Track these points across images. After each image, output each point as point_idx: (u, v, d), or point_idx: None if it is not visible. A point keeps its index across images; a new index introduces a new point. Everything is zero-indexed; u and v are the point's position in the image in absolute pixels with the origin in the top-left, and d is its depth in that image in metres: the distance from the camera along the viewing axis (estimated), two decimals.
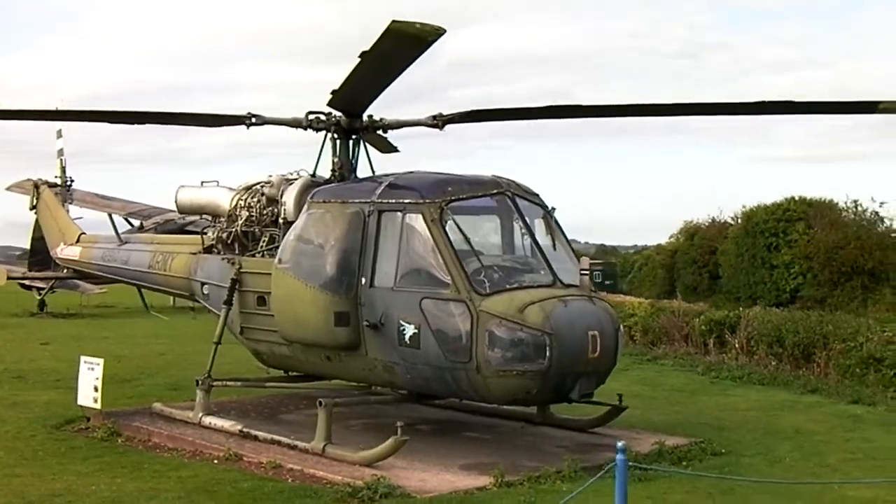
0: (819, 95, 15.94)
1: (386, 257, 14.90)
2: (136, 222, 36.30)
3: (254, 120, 16.80)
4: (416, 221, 14.65)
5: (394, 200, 15.01)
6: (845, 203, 48.71)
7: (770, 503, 12.76)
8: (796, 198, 49.85)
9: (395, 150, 19.13)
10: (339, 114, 16.58)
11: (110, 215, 23.02)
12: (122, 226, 35.85)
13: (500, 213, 15.40)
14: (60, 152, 34.14)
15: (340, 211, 15.39)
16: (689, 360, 27.16)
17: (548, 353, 13.64)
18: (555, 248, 15.24)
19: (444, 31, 11.63)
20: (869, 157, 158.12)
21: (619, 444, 9.73)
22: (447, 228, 14.41)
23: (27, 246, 40.96)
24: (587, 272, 15.08)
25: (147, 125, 17.65)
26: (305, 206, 15.99)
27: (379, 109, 16.65)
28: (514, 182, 15.55)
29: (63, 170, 32.96)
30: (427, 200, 14.63)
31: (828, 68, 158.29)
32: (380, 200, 15.11)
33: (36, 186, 24.59)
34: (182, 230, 33.13)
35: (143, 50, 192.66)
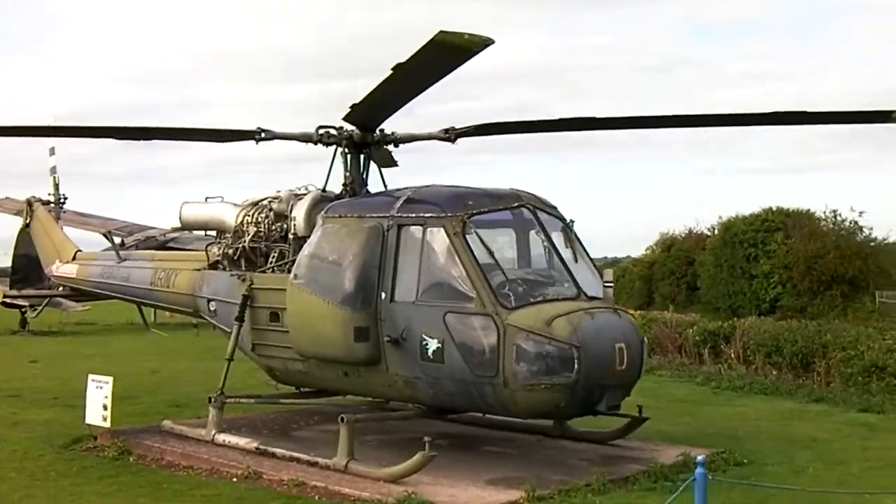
0: (783, 107, 16.08)
1: (406, 272, 14.67)
2: (117, 240, 35.79)
3: (263, 135, 16.65)
4: (438, 235, 14.44)
5: (414, 214, 14.80)
6: (823, 213, 49.08)
7: None
8: (774, 208, 50.17)
9: (395, 164, 18.90)
10: (351, 128, 16.38)
11: (110, 233, 22.66)
12: (102, 244, 35.52)
13: (522, 226, 15.20)
14: (53, 170, 33.64)
15: (358, 225, 15.17)
16: (686, 371, 27.10)
17: (576, 366, 13.45)
18: (576, 261, 15.06)
19: (493, 41, 11.41)
20: (836, 167, 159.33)
21: (700, 457, 9.59)
22: (470, 242, 14.20)
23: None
24: (611, 284, 14.92)
25: (152, 140, 17.39)
26: (320, 221, 15.75)
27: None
28: (533, 195, 15.38)
29: (56, 187, 32.49)
30: (449, 214, 14.43)
31: (790, 81, 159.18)
32: (399, 214, 14.90)
33: (29, 204, 24.27)
34: (163, 246, 32.73)
35: (108, 69, 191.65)
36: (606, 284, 15.02)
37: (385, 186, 16.97)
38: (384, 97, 13.95)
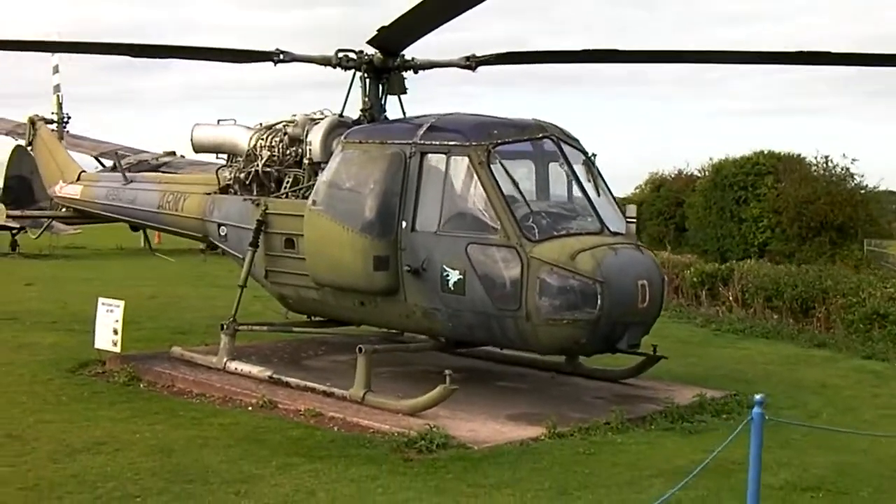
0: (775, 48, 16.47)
1: (428, 201, 14.42)
2: (108, 162, 35.50)
3: (282, 56, 16.24)
4: (462, 164, 14.19)
5: (437, 142, 14.51)
6: (815, 158, 48.74)
7: (831, 456, 12.59)
8: (765, 151, 49.79)
9: (405, 91, 18.52)
10: (372, 52, 16.04)
11: (116, 153, 22.31)
12: (93, 166, 35.16)
13: (546, 158, 14.91)
14: (57, 88, 33.10)
15: (379, 152, 14.88)
16: (684, 312, 26.95)
17: (599, 302, 13.30)
18: (599, 195, 14.85)
19: None
20: (824, 112, 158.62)
21: (757, 397, 9.35)
22: (494, 172, 13.96)
23: None
24: (634, 220, 14.78)
25: (167, 58, 17.03)
26: (339, 147, 15.46)
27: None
28: (556, 126, 15.12)
29: (60, 106, 31.92)
30: (474, 143, 14.16)
31: (784, 22, 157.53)
32: (422, 142, 14.60)
33: (32, 123, 23.70)
34: (156, 170, 32.45)
35: None
36: (629, 220, 14.83)
37: (404, 113, 16.65)
38: (419, 19, 13.52)
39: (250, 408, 14.37)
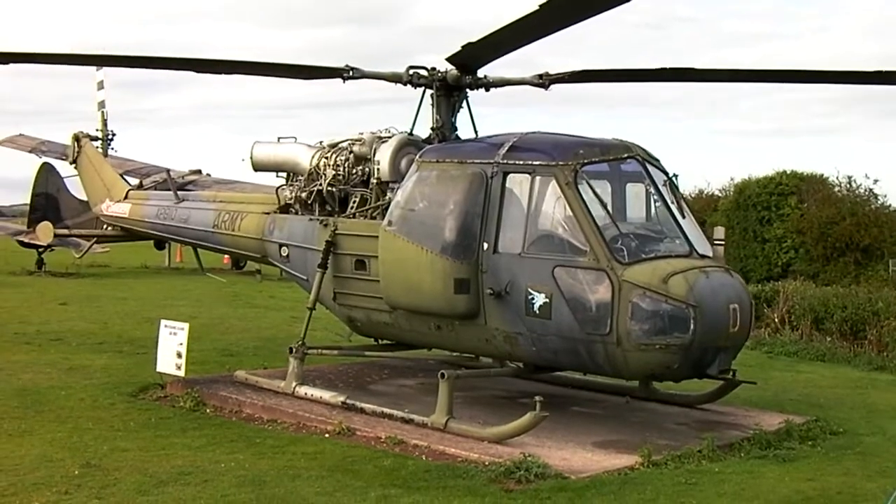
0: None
1: (511, 222, 13.99)
2: (133, 181, 35.20)
3: (351, 73, 15.89)
4: (548, 185, 13.77)
5: (521, 162, 14.08)
6: (836, 178, 48.42)
7: None
8: (788, 171, 49.48)
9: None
10: (444, 69, 15.65)
11: (168, 172, 21.89)
12: None
13: (632, 179, 14.49)
14: (102, 104, 32.67)
15: (459, 171, 14.45)
16: None
17: (692, 327, 12.91)
18: (684, 217, 14.45)
19: None
20: (833, 132, 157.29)
21: None
22: (582, 193, 13.55)
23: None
24: (721, 242, 14.38)
25: (232, 74, 16.59)
26: (415, 166, 15.03)
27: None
28: (639, 146, 14.72)
29: (105, 123, 31.50)
30: (560, 163, 13.74)
31: (794, 40, 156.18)
32: (505, 161, 14.17)
33: (77, 139, 23.18)
34: (181, 188, 32.06)
35: (107, 9, 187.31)
36: (717, 242, 14.45)
37: (476, 132, 16.26)
38: (509, 37, 13.07)
39: (327, 435, 13.90)
